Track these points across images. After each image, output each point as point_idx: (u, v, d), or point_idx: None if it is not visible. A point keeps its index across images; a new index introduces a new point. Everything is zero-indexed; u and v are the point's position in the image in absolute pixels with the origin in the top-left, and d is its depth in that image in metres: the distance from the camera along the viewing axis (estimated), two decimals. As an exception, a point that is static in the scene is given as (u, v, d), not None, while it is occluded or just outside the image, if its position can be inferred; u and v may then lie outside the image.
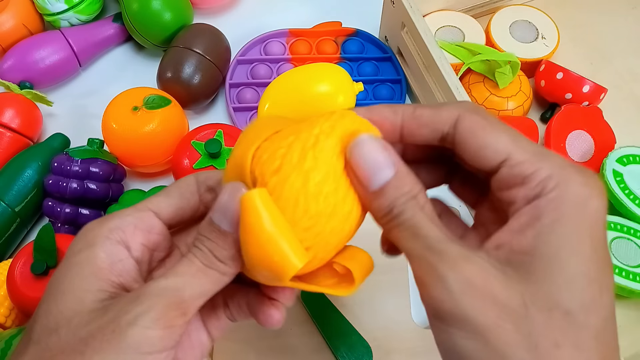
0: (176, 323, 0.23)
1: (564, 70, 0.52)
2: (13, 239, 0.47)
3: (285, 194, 0.23)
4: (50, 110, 0.55)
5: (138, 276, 0.25)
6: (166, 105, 0.48)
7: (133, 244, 0.25)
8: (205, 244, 0.24)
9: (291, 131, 0.24)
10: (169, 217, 0.27)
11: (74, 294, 0.23)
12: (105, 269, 0.24)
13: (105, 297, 0.23)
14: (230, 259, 0.24)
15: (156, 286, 0.23)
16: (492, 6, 0.60)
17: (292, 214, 0.23)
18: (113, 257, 0.24)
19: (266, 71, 0.56)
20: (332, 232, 0.24)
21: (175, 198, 0.27)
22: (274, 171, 0.23)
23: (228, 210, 0.24)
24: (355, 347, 0.43)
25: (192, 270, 0.24)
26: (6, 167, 0.48)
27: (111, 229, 0.25)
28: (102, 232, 0.25)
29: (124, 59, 0.59)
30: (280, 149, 0.24)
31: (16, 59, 0.53)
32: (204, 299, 0.24)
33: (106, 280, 0.24)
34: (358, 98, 0.53)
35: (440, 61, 0.46)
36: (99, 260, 0.24)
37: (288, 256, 0.22)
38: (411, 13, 0.48)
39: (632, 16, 0.61)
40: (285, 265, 0.22)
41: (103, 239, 0.24)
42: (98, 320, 0.22)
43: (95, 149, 0.47)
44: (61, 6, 0.54)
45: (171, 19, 0.54)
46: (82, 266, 0.24)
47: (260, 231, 0.22)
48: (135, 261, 0.25)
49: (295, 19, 0.61)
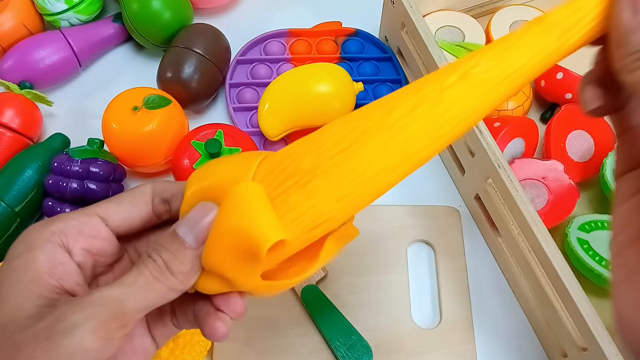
0: (115, 335, 0.22)
1: (564, 70, 0.52)
2: (13, 239, 0.47)
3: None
4: (50, 110, 0.55)
5: (81, 280, 0.25)
6: (166, 105, 0.48)
7: (75, 249, 0.25)
8: (162, 254, 0.24)
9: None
10: (117, 225, 0.26)
11: (12, 299, 0.23)
12: (45, 272, 0.23)
13: (44, 303, 0.23)
14: (183, 274, 0.24)
15: (99, 295, 0.22)
16: (492, 6, 0.60)
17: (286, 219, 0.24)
18: (53, 260, 0.24)
19: (266, 71, 0.57)
20: (317, 236, 0.25)
21: (126, 205, 0.26)
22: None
23: (197, 226, 0.24)
24: (355, 347, 0.43)
25: (139, 282, 0.23)
26: (6, 167, 0.48)
27: (53, 232, 0.24)
28: (43, 235, 0.24)
29: (124, 59, 0.59)
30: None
31: (16, 59, 0.53)
32: (147, 312, 0.24)
33: (46, 285, 0.23)
34: (358, 98, 0.53)
35: (440, 61, 0.46)
36: (38, 264, 0.23)
37: (267, 229, 0.23)
38: (411, 13, 0.48)
39: (632, 16, 0.61)
40: (262, 236, 0.23)
41: (44, 242, 0.24)
42: (33, 327, 0.22)
43: (95, 149, 0.47)
44: (61, 6, 0.54)
45: (171, 19, 0.54)
46: (22, 271, 0.23)
47: (247, 206, 0.23)
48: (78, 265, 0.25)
49: (295, 19, 0.61)
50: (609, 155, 0.49)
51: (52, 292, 0.23)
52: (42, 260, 0.23)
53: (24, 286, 0.23)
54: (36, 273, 0.23)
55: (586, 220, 0.46)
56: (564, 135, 0.50)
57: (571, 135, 0.51)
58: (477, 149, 0.45)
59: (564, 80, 0.52)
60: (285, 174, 0.24)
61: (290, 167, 0.24)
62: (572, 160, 0.50)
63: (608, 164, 0.48)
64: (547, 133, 0.51)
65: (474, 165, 0.47)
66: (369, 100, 0.55)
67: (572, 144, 0.51)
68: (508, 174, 0.42)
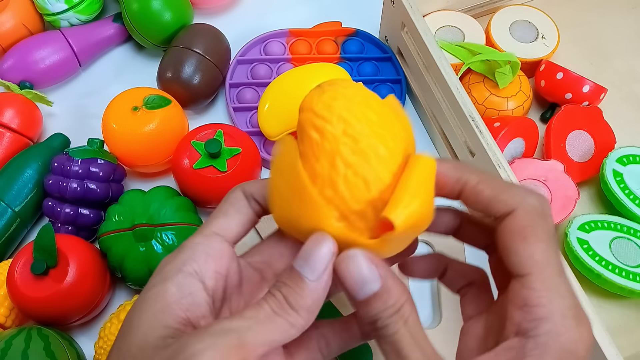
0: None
1: (564, 70, 0.52)
2: (13, 239, 0.47)
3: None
4: (50, 110, 0.55)
5: (207, 312, 0.25)
6: (166, 105, 0.48)
7: (207, 273, 0.25)
8: (281, 289, 0.24)
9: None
10: (235, 238, 0.27)
11: (140, 330, 0.23)
12: (173, 303, 0.24)
13: (169, 333, 0.23)
14: (304, 310, 0.24)
15: (220, 327, 0.22)
16: (492, 6, 0.60)
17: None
18: (183, 291, 0.24)
19: (266, 71, 0.56)
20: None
21: (235, 217, 0.27)
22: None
23: (312, 258, 0.24)
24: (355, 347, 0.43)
25: (259, 315, 0.23)
26: (6, 167, 0.48)
27: (184, 260, 0.25)
28: (176, 265, 0.24)
29: (124, 59, 0.59)
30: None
31: (16, 59, 0.53)
32: (268, 348, 0.23)
33: (173, 315, 0.23)
34: (358, 98, 0.53)
35: (440, 61, 0.46)
36: (168, 295, 0.24)
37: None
38: (411, 13, 0.48)
39: (632, 16, 0.61)
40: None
41: (176, 272, 0.24)
42: (156, 358, 0.22)
43: (95, 149, 0.47)
44: (61, 6, 0.54)
45: (171, 19, 0.54)
46: (152, 302, 0.24)
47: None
48: (211, 291, 0.25)
49: (295, 19, 0.61)
50: (609, 155, 0.49)
51: (179, 323, 0.23)
52: (173, 292, 0.24)
53: (153, 317, 0.23)
54: (165, 304, 0.23)
55: (586, 220, 0.47)
56: (564, 135, 0.50)
57: (571, 135, 0.51)
58: (477, 149, 0.45)
59: (564, 80, 0.52)
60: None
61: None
62: (572, 160, 0.50)
63: (608, 164, 0.48)
64: (547, 133, 0.51)
65: (474, 165, 0.47)
66: (369, 100, 0.55)
67: (572, 144, 0.51)
68: (508, 174, 0.42)
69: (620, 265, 0.44)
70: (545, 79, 0.53)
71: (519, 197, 0.25)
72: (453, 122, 0.48)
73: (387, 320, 0.24)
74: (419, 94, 0.54)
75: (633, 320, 0.46)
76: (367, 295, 0.24)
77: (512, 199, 0.25)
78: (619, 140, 0.51)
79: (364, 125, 0.24)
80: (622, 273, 0.44)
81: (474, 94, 0.53)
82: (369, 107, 0.25)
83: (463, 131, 0.46)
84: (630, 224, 0.47)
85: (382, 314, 0.24)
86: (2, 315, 0.43)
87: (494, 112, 0.52)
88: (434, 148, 0.54)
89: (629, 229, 0.46)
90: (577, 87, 0.52)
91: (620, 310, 0.46)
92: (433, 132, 0.54)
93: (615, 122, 0.52)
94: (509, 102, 0.52)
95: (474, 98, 0.53)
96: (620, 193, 0.47)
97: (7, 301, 0.43)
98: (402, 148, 0.25)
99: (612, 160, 0.48)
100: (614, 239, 0.46)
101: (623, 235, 0.46)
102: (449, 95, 0.46)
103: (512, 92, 0.52)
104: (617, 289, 0.44)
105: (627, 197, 0.47)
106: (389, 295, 0.24)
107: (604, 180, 0.48)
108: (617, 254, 0.45)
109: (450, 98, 0.46)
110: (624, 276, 0.44)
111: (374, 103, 0.26)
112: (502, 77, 0.51)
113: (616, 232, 0.46)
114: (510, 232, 0.24)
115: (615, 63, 0.58)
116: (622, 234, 0.46)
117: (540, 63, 0.54)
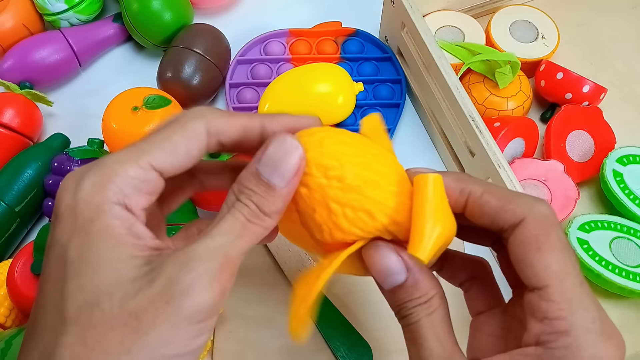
0: (228, 286, 0.22)
1: (564, 70, 0.52)
2: (13, 239, 0.47)
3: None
4: (50, 110, 0.55)
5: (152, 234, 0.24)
6: (166, 105, 0.48)
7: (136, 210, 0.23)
8: (252, 198, 0.23)
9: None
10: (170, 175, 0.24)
11: (106, 266, 0.21)
12: (124, 234, 0.22)
13: (141, 262, 0.22)
14: (276, 213, 0.24)
15: (204, 249, 0.22)
16: (492, 6, 0.60)
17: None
18: (126, 222, 0.22)
19: (266, 71, 0.56)
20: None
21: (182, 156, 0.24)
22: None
23: (282, 166, 0.24)
24: (355, 347, 0.43)
25: (237, 228, 0.23)
26: (6, 167, 0.48)
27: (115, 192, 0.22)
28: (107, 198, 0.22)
29: (124, 59, 0.59)
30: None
31: (16, 59, 0.53)
32: (247, 253, 0.24)
33: (132, 245, 0.22)
34: (358, 98, 0.53)
35: (440, 61, 0.46)
36: (116, 227, 0.22)
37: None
38: (411, 13, 0.48)
39: (632, 16, 0.61)
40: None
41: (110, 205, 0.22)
42: (146, 292, 0.21)
43: (95, 149, 0.47)
44: (61, 6, 0.54)
45: (171, 19, 0.54)
46: (103, 236, 0.22)
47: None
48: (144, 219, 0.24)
49: (295, 19, 0.61)
50: (609, 155, 0.49)
51: (142, 250, 0.22)
52: (118, 224, 0.22)
53: (113, 250, 0.22)
54: (117, 236, 0.22)
55: (586, 220, 0.47)
56: (564, 135, 0.50)
57: (571, 135, 0.51)
58: (477, 149, 0.45)
59: (564, 80, 0.52)
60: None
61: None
62: (572, 160, 0.50)
63: (608, 164, 0.48)
64: (547, 133, 0.51)
65: (474, 166, 0.47)
66: (369, 100, 0.55)
67: (572, 144, 0.51)
68: (508, 174, 0.42)
69: (620, 265, 0.44)
70: (545, 79, 0.53)
71: (526, 206, 0.24)
72: (453, 122, 0.48)
73: (411, 310, 0.24)
74: (419, 94, 0.54)
75: (633, 320, 0.46)
76: (392, 286, 0.25)
77: (520, 207, 0.24)
78: (619, 140, 0.51)
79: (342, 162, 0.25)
80: (622, 273, 0.44)
81: (474, 94, 0.53)
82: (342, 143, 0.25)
83: (463, 131, 0.46)
84: (630, 224, 0.47)
85: (406, 304, 0.24)
86: (2, 315, 0.43)
87: (494, 112, 0.52)
88: (434, 148, 0.54)
89: (629, 229, 0.46)
90: (577, 87, 0.52)
91: (620, 310, 0.46)
92: (433, 132, 0.54)
93: (615, 122, 0.52)
94: (509, 102, 0.52)
95: (474, 98, 0.53)
96: (620, 193, 0.47)
97: (7, 301, 0.43)
98: (390, 165, 0.26)
99: (612, 160, 0.48)
100: (614, 239, 0.46)
101: (623, 235, 0.46)
102: (449, 95, 0.46)
103: (512, 92, 0.52)
104: (617, 289, 0.44)
105: (627, 197, 0.47)
106: (416, 289, 0.24)
107: (604, 180, 0.48)
108: (617, 254, 0.45)
109: (450, 98, 0.46)
110: (624, 276, 0.44)
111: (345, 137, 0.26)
112: (502, 77, 0.51)
113: (616, 232, 0.46)
114: (522, 242, 0.24)
115: (615, 63, 0.58)
116: (622, 234, 0.46)
117: (540, 63, 0.54)
